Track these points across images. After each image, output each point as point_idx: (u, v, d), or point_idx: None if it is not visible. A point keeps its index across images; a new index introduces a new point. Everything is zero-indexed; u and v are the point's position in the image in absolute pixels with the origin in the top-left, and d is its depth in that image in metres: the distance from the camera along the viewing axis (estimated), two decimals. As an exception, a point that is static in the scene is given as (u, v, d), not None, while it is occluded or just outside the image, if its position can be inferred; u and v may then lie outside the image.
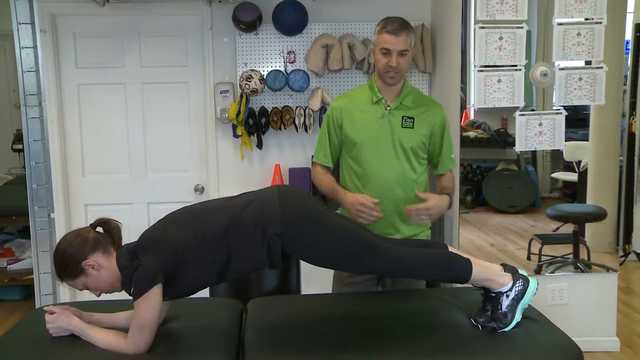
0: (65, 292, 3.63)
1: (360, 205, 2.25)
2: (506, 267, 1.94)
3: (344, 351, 1.75)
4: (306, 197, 1.96)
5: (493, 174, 3.65)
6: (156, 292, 1.71)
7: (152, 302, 1.70)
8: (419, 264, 1.89)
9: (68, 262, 1.77)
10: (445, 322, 1.94)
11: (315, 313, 2.06)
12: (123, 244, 1.86)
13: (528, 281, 1.88)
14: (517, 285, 1.86)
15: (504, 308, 1.85)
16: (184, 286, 1.82)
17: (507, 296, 1.85)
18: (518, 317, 1.85)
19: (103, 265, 1.78)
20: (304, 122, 3.62)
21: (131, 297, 1.73)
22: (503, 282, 1.87)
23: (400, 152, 2.39)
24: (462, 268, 1.87)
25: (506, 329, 1.83)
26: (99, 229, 1.85)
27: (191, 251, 1.78)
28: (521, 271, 1.93)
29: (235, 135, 3.67)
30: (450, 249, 2.02)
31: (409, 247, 1.96)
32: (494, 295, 1.87)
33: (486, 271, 1.90)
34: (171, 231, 1.82)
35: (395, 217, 2.40)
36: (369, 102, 2.43)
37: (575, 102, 3.18)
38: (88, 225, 1.85)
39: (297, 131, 3.66)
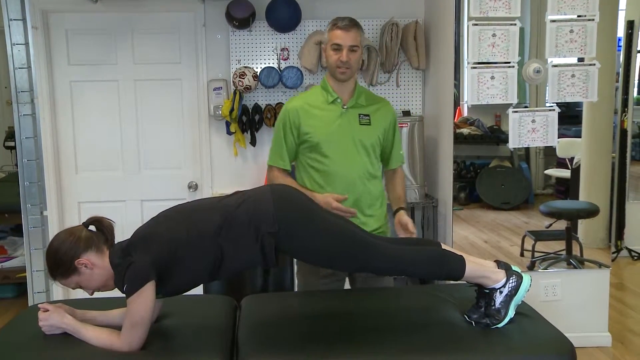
0: (58, 290, 3.62)
1: (334, 208, 2.31)
2: (499, 264, 1.94)
3: (338, 348, 1.75)
4: (299, 195, 1.95)
5: (486, 170, 3.66)
6: (149, 289, 1.70)
7: (145, 299, 1.70)
8: (414, 262, 1.89)
9: (61, 261, 1.76)
10: (439, 318, 1.95)
11: (309, 310, 2.06)
12: (116, 242, 1.85)
13: (521, 277, 1.89)
14: (510, 281, 1.87)
15: (497, 304, 1.85)
16: (176, 283, 1.82)
17: (501, 292, 1.86)
18: (511, 313, 1.86)
19: (96, 263, 1.78)
20: (298, 119, 3.62)
21: (124, 295, 1.73)
22: (497, 278, 1.87)
23: (361, 149, 2.44)
24: (455, 266, 1.87)
25: (499, 325, 1.84)
26: (92, 228, 1.84)
27: (184, 249, 1.78)
28: (515, 267, 1.94)
29: (229, 132, 3.67)
30: (444, 246, 2.02)
31: (402, 245, 1.96)
32: (487, 291, 1.88)
33: (480, 268, 1.91)
34: (164, 229, 1.81)
35: (361, 211, 2.43)
36: (324, 102, 2.45)
37: (568, 99, 3.20)
38: (80, 223, 1.84)
39: (291, 128, 3.65)
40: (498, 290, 1.86)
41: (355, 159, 2.42)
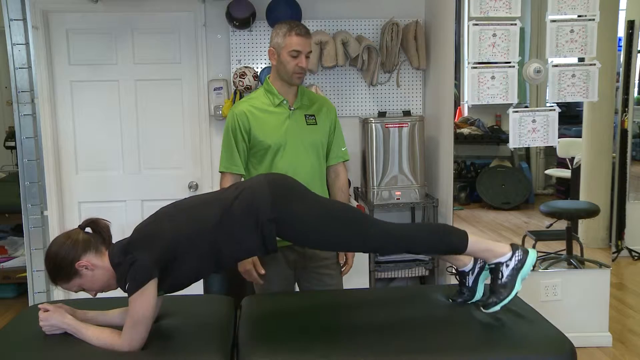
0: (58, 290, 3.62)
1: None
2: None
3: (338, 348, 1.75)
4: (294, 181, 1.97)
5: (487, 170, 3.66)
6: (151, 286, 1.70)
7: (147, 297, 1.70)
8: (415, 237, 1.89)
9: (61, 265, 1.76)
10: (439, 319, 1.95)
11: (309, 310, 2.06)
12: (115, 241, 1.85)
13: (527, 252, 1.87)
14: (517, 254, 1.84)
15: (504, 278, 1.83)
16: (178, 279, 1.82)
17: (507, 266, 1.84)
18: (518, 286, 1.83)
19: (97, 264, 1.78)
20: (298, 119, 3.62)
21: (126, 294, 1.73)
22: (502, 251, 1.86)
23: (310, 149, 2.47)
24: (457, 238, 1.86)
25: (506, 301, 1.82)
26: (88, 229, 1.84)
27: (185, 244, 1.78)
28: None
29: (229, 132, 3.66)
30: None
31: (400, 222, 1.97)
32: (493, 266, 1.87)
33: (483, 241, 1.89)
34: (164, 225, 1.81)
35: None
36: (271, 105, 2.46)
37: (569, 99, 3.19)
38: (77, 226, 1.84)
39: (291, 128, 3.65)
40: (504, 264, 1.84)
41: (305, 160, 2.46)
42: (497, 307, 1.84)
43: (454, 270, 2.04)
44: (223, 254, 1.83)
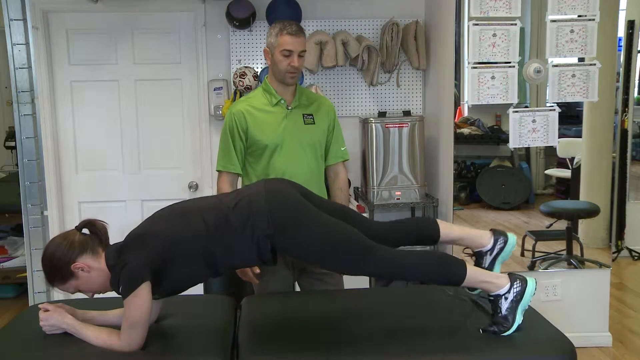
0: (58, 291, 3.61)
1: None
2: (495, 232, 1.95)
3: (339, 348, 1.75)
4: (295, 194, 1.89)
5: (487, 170, 3.66)
6: (144, 289, 1.69)
7: (141, 300, 1.69)
8: (413, 266, 1.86)
9: (57, 267, 1.76)
10: (439, 319, 1.95)
11: (309, 310, 2.06)
12: (112, 243, 1.85)
13: (526, 281, 1.83)
14: (515, 286, 1.82)
15: (504, 311, 1.81)
16: (172, 283, 1.81)
17: (506, 298, 1.81)
18: (519, 319, 1.81)
19: (93, 266, 1.77)
20: (298, 119, 3.61)
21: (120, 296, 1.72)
22: (500, 284, 1.83)
23: (308, 149, 2.48)
24: (456, 270, 1.83)
25: (507, 333, 1.79)
26: (85, 231, 1.83)
27: (178, 249, 1.77)
28: (511, 235, 1.95)
29: (229, 132, 3.66)
30: (440, 221, 2.00)
31: (403, 249, 1.94)
32: (492, 298, 1.84)
33: (482, 272, 1.88)
34: (158, 229, 1.80)
35: None
36: (269, 105, 2.47)
37: (569, 99, 3.19)
38: (74, 227, 1.84)
39: (291, 128, 3.65)
40: (503, 297, 1.82)
41: (303, 159, 2.46)
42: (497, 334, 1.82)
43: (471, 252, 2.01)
44: (218, 260, 1.81)
